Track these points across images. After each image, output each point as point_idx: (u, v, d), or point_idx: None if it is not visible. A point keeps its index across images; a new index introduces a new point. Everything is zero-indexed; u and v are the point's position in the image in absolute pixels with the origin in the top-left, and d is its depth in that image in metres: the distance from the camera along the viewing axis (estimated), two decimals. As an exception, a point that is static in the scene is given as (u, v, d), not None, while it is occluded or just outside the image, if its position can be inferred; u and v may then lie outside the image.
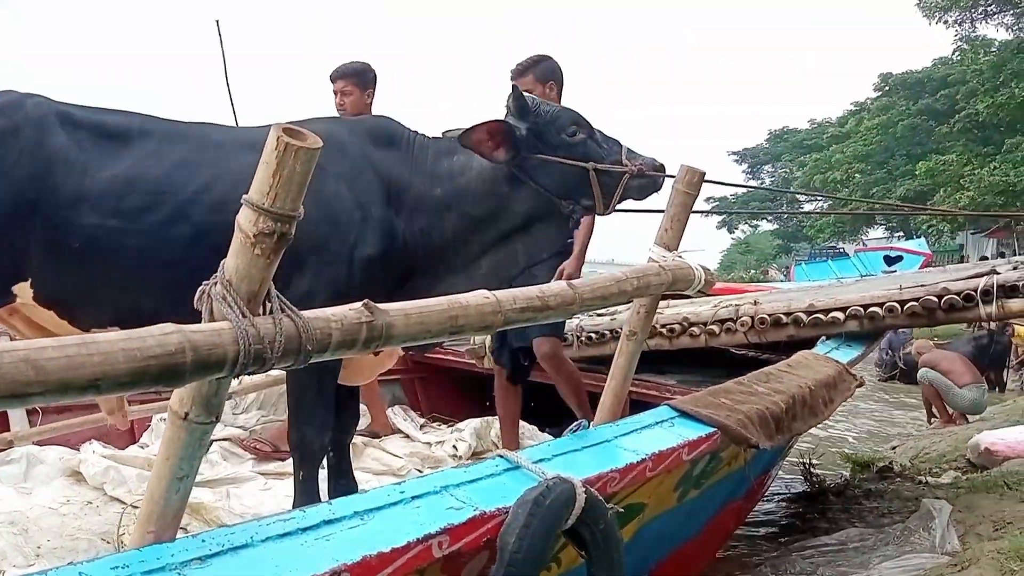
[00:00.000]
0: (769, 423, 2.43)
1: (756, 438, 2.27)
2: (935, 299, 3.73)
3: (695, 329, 4.26)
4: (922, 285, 3.90)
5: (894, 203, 16.60)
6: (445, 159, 2.73)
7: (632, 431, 2.04)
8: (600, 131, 2.77)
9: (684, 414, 2.23)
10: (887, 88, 28.61)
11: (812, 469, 5.06)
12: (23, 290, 2.35)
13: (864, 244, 25.61)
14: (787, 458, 4.93)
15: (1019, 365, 12.04)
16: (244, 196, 1.02)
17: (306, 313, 1.09)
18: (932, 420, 8.23)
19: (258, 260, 1.02)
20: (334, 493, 2.94)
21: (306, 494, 2.65)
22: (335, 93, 4.09)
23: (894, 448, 6.52)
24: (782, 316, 4.01)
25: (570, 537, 1.61)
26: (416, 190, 2.68)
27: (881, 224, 29.38)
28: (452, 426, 4.38)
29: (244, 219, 1.02)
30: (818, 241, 25.72)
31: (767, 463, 3.70)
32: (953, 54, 19.90)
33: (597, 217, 3.16)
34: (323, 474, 2.99)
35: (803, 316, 3.95)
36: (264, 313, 1.06)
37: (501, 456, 1.69)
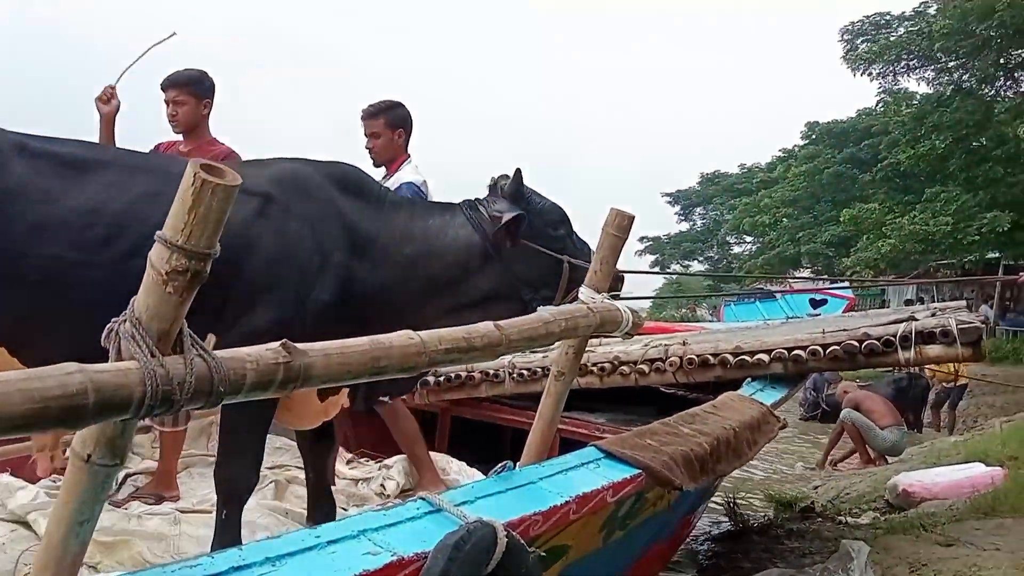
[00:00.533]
0: (693, 465, 2.45)
1: (680, 480, 2.28)
2: (856, 344, 3.83)
3: (625, 368, 4.30)
4: (844, 330, 4.01)
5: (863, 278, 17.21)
6: (421, 220, 2.78)
7: (557, 472, 2.03)
8: (576, 233, 2.90)
9: (610, 455, 2.23)
10: (814, 136, 29.62)
11: (736, 509, 5.12)
12: None
13: (790, 286, 26.31)
14: (713, 497, 4.99)
15: (936, 405, 12.47)
16: (157, 233, 0.99)
17: (220, 353, 1.06)
18: (829, 461, 8.44)
19: (170, 298, 0.99)
20: (316, 515, 2.99)
21: (227, 533, 2.57)
22: (166, 103, 3.65)
23: (816, 488, 6.66)
24: (710, 357, 4.07)
25: (490, 583, 1.59)
26: (383, 244, 2.69)
27: (807, 267, 30.20)
28: (380, 462, 4.31)
29: (156, 256, 0.99)
30: (746, 283, 26.35)
31: (693, 503, 3.73)
32: (877, 105, 20.70)
33: None
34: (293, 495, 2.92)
35: (730, 358, 4.01)
36: (176, 353, 1.03)
37: (423, 498, 1.66)
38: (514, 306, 2.68)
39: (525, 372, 4.45)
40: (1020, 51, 17.08)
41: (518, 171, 2.83)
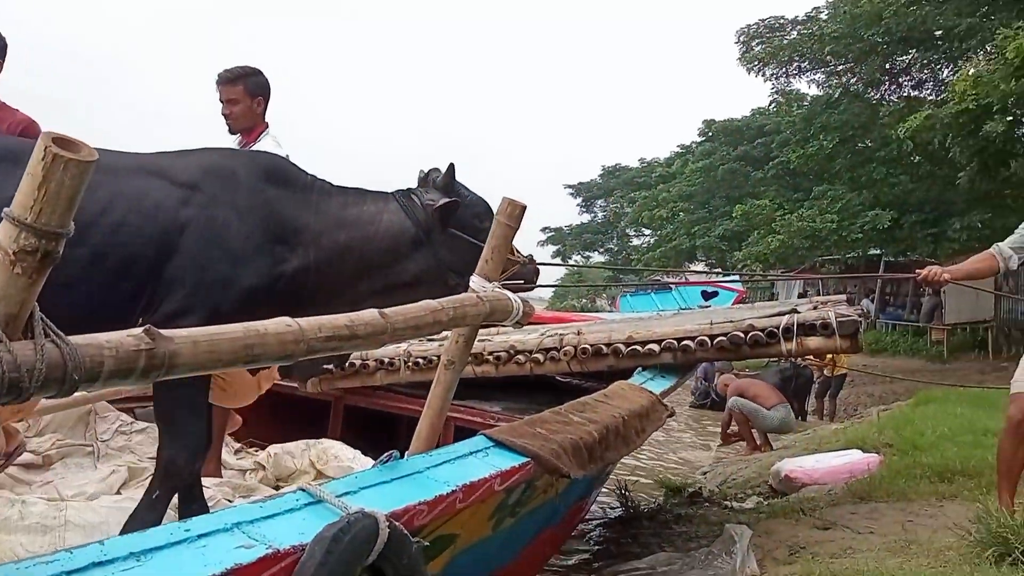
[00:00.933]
0: (582, 452, 2.48)
1: (568, 468, 2.30)
2: (742, 335, 3.96)
3: (521, 357, 4.33)
4: (731, 321, 4.14)
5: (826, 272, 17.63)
6: (355, 207, 2.95)
7: (445, 462, 2.01)
8: None
9: (499, 444, 2.24)
10: (710, 134, 30.49)
11: (628, 495, 5.24)
12: None
13: (686, 279, 27.06)
14: (606, 484, 5.09)
15: (820, 394, 13.05)
16: (5, 210, 0.92)
17: (77, 338, 1.00)
18: (730, 439, 8.76)
19: (18, 280, 0.92)
20: (185, 516, 2.87)
21: (149, 513, 2.57)
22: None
23: (704, 474, 6.87)
24: (603, 347, 4.14)
25: (372, 574, 1.56)
26: (314, 230, 2.83)
27: (702, 260, 31.10)
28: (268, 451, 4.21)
29: (3, 235, 0.92)
30: (644, 274, 27.09)
31: (584, 490, 3.78)
32: (770, 105, 21.46)
33: None
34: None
35: (622, 347, 4.09)
36: (26, 338, 0.96)
37: (303, 490, 1.62)
38: (441, 290, 2.71)
39: (421, 360, 4.43)
40: (904, 57, 17.97)
41: (451, 165, 3.07)
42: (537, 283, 3.35)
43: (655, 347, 4.04)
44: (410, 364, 4.47)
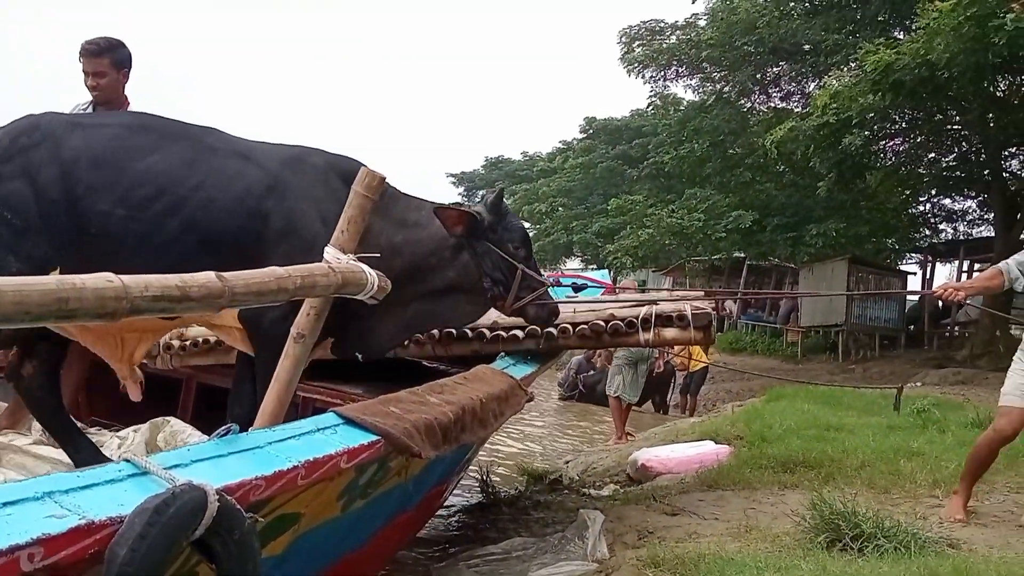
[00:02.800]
0: (436, 432, 2.45)
1: (420, 447, 2.27)
2: (603, 324, 4.05)
3: (387, 338, 4.25)
4: (594, 311, 4.22)
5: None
6: (414, 213, 3.29)
7: (289, 437, 1.94)
8: (534, 258, 3.58)
9: (349, 421, 2.18)
10: (591, 131, 31.12)
11: (489, 481, 5.26)
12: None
13: (561, 272, 27.57)
14: (469, 470, 5.09)
15: (683, 389, 13.54)
16: None
17: None
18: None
19: None
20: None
21: None
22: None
23: (567, 462, 6.98)
24: (467, 331, 4.13)
25: (199, 549, 1.49)
26: (376, 229, 3.00)
27: (578, 256, 31.72)
28: (115, 431, 3.98)
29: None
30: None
31: (442, 476, 3.77)
32: (648, 107, 21.99)
33: None
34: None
35: (486, 332, 4.10)
36: None
37: (128, 461, 1.52)
38: (476, 298, 3.38)
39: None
40: (775, 68, 18.82)
41: (501, 189, 3.51)
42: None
43: (519, 333, 4.06)
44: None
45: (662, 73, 19.70)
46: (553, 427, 10.40)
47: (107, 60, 3.69)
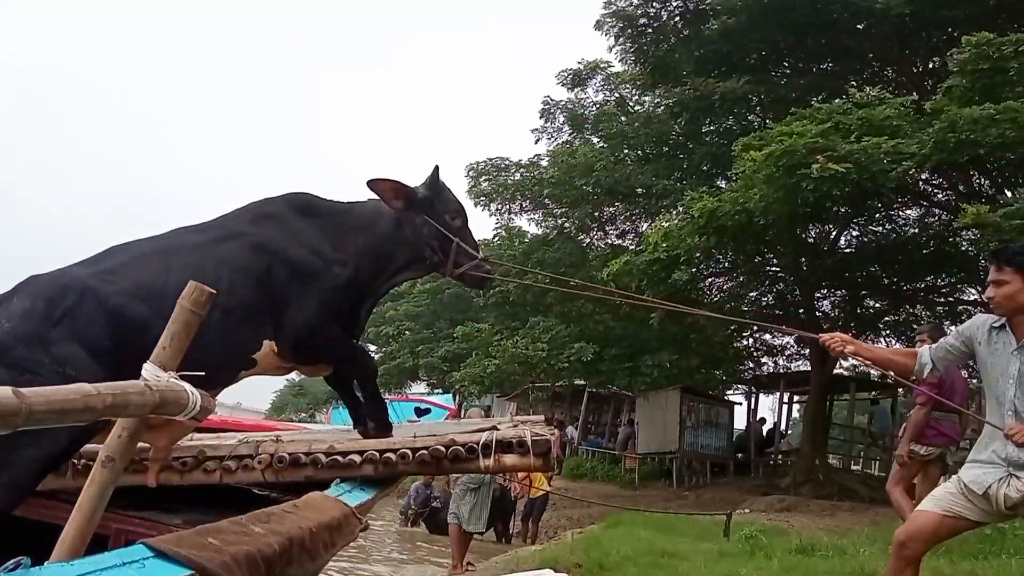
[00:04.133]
0: (259, 565, 2.29)
1: (238, 583, 2.11)
2: (443, 449, 3.96)
3: (211, 464, 3.99)
4: (434, 435, 4.15)
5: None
6: (361, 215, 3.80)
7: (89, 573, 1.76)
8: (470, 229, 3.97)
9: (161, 554, 2.00)
10: (439, 259, 31.55)
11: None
12: None
13: (407, 395, 27.21)
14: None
15: (525, 517, 13.41)
16: None
17: None
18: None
19: None
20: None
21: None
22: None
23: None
24: (302, 456, 3.94)
25: None
26: (343, 242, 3.69)
27: (424, 380, 31.49)
28: None
29: None
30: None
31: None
32: (494, 238, 22.69)
33: None
34: None
35: (322, 457, 3.92)
36: None
37: None
38: (418, 264, 3.89)
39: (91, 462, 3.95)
40: (611, 208, 19.99)
41: (436, 167, 3.90)
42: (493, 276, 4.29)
43: (356, 458, 3.92)
44: (80, 466, 3.96)
45: (507, 206, 20.52)
46: (393, 556, 9.99)
47: None
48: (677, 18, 16.36)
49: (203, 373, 2.11)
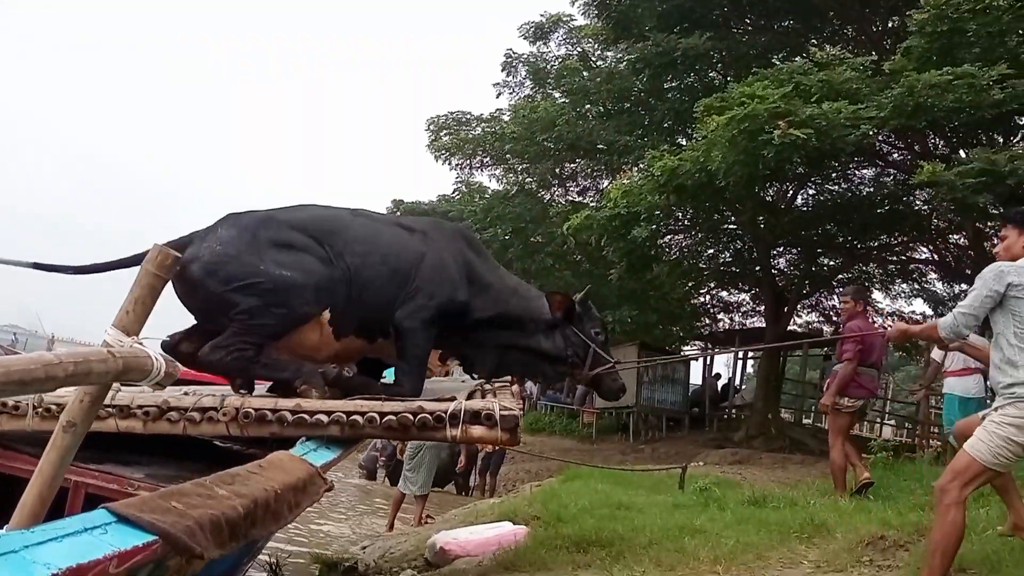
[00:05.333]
0: (223, 529, 2.28)
1: (203, 548, 2.10)
2: (411, 416, 3.97)
3: (174, 414, 3.95)
4: (403, 402, 4.14)
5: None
6: (524, 289, 4.93)
7: (51, 539, 1.73)
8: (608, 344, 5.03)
9: (123, 519, 1.98)
10: (399, 213, 31.26)
11: (280, 571, 4.97)
12: None
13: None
14: (257, 559, 4.79)
15: (482, 471, 13.57)
16: None
17: None
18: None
19: None
20: None
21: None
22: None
23: (364, 548, 6.75)
24: (268, 412, 3.93)
25: None
26: (496, 289, 4.74)
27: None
28: None
29: None
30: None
31: (229, 566, 3.52)
32: (454, 193, 22.53)
33: None
34: None
35: (288, 415, 3.92)
36: None
37: None
38: (558, 364, 4.82)
39: (54, 407, 3.85)
40: (572, 164, 19.95)
41: (589, 289, 5.18)
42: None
43: (324, 418, 3.92)
44: (41, 409, 3.87)
45: (468, 162, 20.36)
46: (354, 508, 10.06)
47: None
48: (640, -28, 16.18)
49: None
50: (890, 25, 15.02)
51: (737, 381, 22.35)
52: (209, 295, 4.08)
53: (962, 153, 11.93)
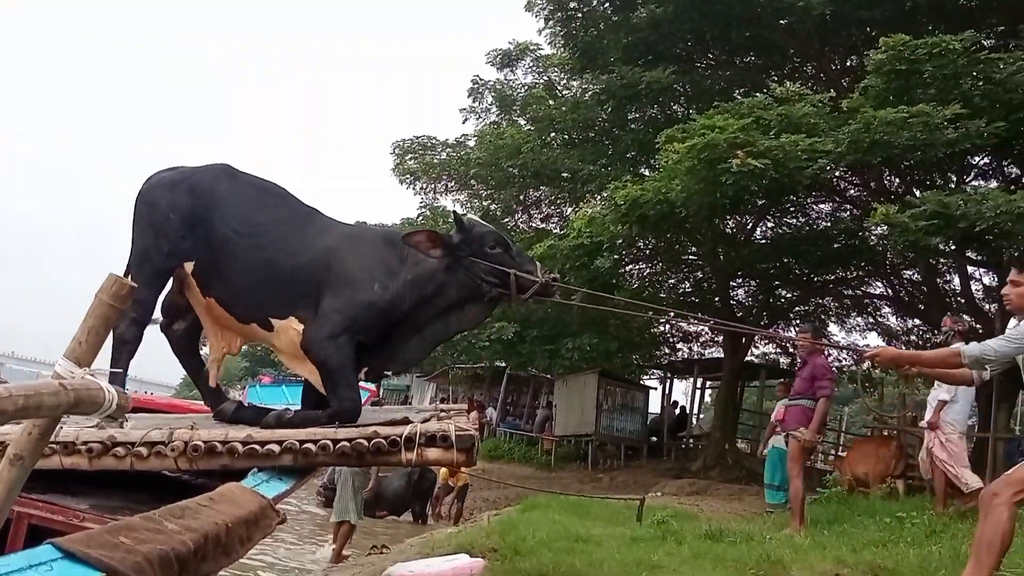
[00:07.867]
0: (172, 565, 2.23)
1: (151, 584, 2.05)
2: (365, 442, 3.90)
3: (120, 450, 3.84)
4: (357, 426, 4.09)
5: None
6: (414, 255, 4.21)
7: (-8, 577, 1.68)
8: (517, 247, 4.47)
9: (69, 555, 1.93)
10: (361, 235, 31.15)
11: (231, 606, 4.85)
12: None
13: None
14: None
15: (436, 502, 13.42)
16: None
17: None
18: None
19: None
20: None
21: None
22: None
23: (314, 578, 6.64)
24: (218, 444, 3.84)
25: None
26: (403, 274, 4.20)
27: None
28: None
29: None
30: (284, 368, 26.40)
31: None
32: (418, 217, 22.53)
33: None
34: None
35: (239, 446, 3.83)
36: None
37: None
38: (480, 302, 4.27)
39: None
40: (536, 192, 20.05)
41: (454, 213, 4.69)
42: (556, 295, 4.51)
43: (275, 448, 3.84)
44: None
45: (432, 186, 20.35)
46: (309, 536, 9.89)
47: None
48: (607, 4, 16.41)
49: None
50: (848, 64, 15.41)
51: (695, 410, 22.49)
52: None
53: (916, 192, 12.24)
